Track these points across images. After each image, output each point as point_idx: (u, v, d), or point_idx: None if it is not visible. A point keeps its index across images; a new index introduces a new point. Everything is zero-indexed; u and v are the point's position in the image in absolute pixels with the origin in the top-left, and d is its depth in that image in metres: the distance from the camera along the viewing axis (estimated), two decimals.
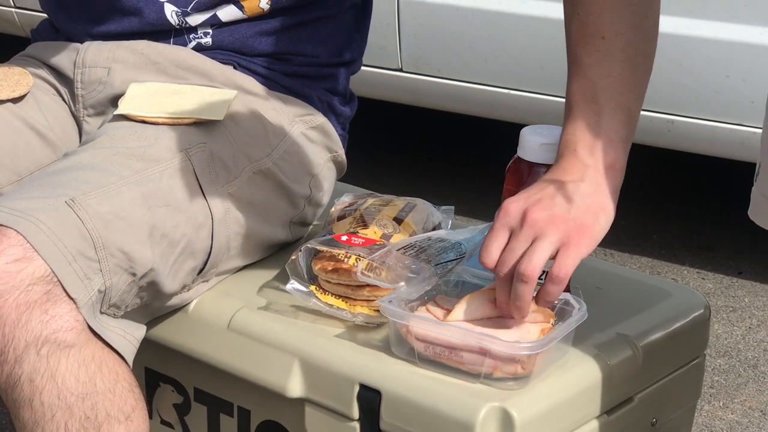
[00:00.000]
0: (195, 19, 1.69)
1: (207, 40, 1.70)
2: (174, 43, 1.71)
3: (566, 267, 1.38)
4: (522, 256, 1.38)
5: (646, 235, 3.46)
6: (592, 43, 1.44)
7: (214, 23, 1.69)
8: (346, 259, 1.51)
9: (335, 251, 1.52)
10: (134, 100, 1.62)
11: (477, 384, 1.41)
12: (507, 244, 1.40)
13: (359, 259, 1.50)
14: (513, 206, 1.39)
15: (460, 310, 1.44)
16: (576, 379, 1.47)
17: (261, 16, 1.69)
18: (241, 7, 1.68)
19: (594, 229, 1.40)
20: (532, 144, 1.51)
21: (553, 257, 1.38)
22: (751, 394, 2.67)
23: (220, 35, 1.70)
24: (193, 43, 1.70)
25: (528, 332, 1.42)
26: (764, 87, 2.92)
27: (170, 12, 1.68)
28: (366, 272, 1.47)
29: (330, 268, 1.52)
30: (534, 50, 3.16)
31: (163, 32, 1.70)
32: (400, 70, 3.38)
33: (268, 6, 1.68)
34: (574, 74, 1.45)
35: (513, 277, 1.38)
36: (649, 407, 1.57)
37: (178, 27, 1.69)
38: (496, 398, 1.39)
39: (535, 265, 1.37)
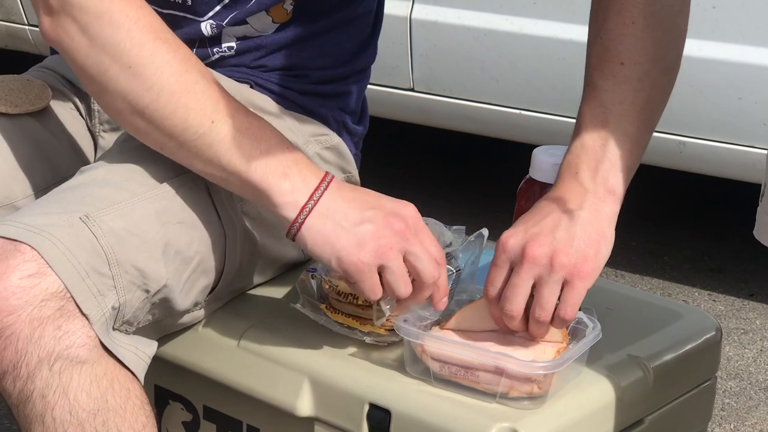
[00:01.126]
0: (230, 32, 1.68)
1: (231, 52, 1.70)
2: (197, 53, 1.70)
3: (573, 306, 1.40)
4: (533, 301, 1.40)
5: (657, 256, 3.46)
6: (609, 68, 1.44)
7: (246, 34, 1.69)
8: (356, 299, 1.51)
9: (347, 288, 1.51)
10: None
11: (490, 404, 1.40)
12: (509, 278, 1.40)
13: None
14: (512, 241, 1.39)
15: (455, 319, 1.46)
16: (587, 400, 1.46)
17: (284, 24, 1.68)
18: (269, 13, 1.68)
19: (596, 259, 1.41)
20: (544, 164, 1.52)
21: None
22: (762, 416, 2.67)
23: (244, 45, 1.69)
24: (216, 56, 1.70)
25: (543, 352, 1.43)
26: None
27: (206, 26, 1.68)
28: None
29: (340, 288, 1.52)
30: (545, 71, 3.17)
31: (189, 41, 1.69)
32: (412, 90, 3.38)
33: (291, 5, 1.68)
34: (588, 96, 1.46)
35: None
36: (659, 429, 1.57)
37: (207, 37, 1.69)
38: (506, 418, 1.39)
39: (548, 312, 1.40)
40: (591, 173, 1.42)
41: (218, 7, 1.65)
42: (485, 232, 1.59)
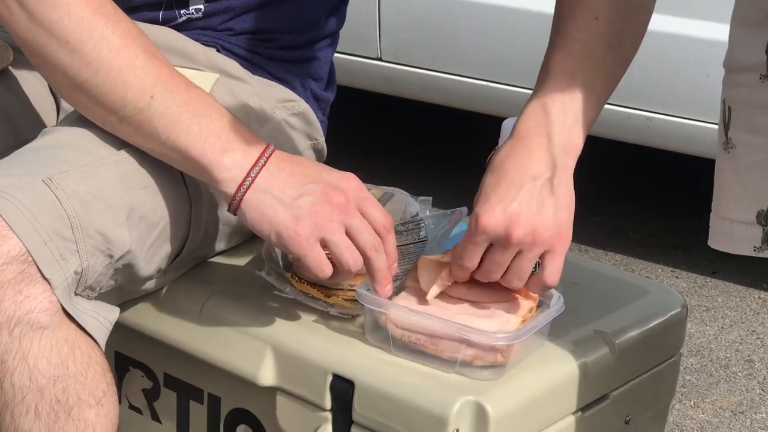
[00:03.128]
0: None
1: (198, 15, 1.68)
2: (164, 16, 1.67)
3: (557, 272, 1.41)
4: (509, 270, 1.40)
5: (621, 232, 3.46)
6: (583, 20, 1.42)
7: None
8: None
9: None
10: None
11: (453, 376, 1.39)
12: (488, 254, 1.40)
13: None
14: (492, 223, 1.37)
15: (431, 287, 1.44)
16: (552, 374, 1.46)
17: None
18: None
19: (569, 226, 1.40)
20: None
21: None
22: (722, 394, 2.67)
23: (212, 7, 1.67)
24: (183, 18, 1.67)
25: (508, 322, 1.42)
26: None
27: None
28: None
29: None
30: (515, 43, 3.15)
31: (155, 4, 1.67)
32: (379, 59, 3.36)
33: None
34: (560, 45, 1.43)
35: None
36: (623, 405, 1.56)
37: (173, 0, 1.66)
38: (471, 392, 1.38)
39: (524, 280, 1.42)
40: (559, 128, 1.41)
41: None
42: (464, 210, 1.58)
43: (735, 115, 1.36)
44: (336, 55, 1.87)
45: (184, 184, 1.53)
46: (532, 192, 1.39)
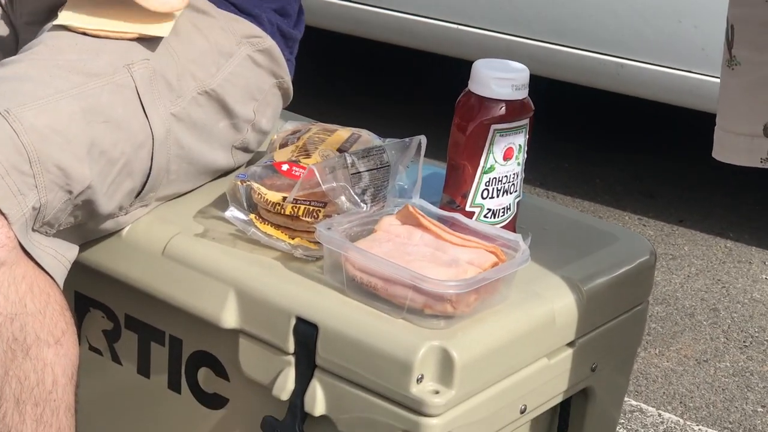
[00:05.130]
0: None
1: None
2: None
3: None
4: None
5: (589, 178, 3.45)
6: None
7: None
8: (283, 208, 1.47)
9: (274, 198, 1.47)
10: (76, 9, 1.55)
11: (413, 321, 1.37)
12: None
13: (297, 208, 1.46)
14: None
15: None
16: (518, 321, 1.44)
17: None
18: None
19: None
20: (484, 77, 1.48)
21: None
22: (687, 342, 2.67)
23: None
24: None
25: (465, 272, 1.39)
26: (715, 34, 2.89)
27: None
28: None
29: (269, 198, 1.48)
30: None
31: None
32: (349, 0, 3.32)
33: None
34: None
35: None
36: (590, 352, 1.55)
37: None
38: (436, 338, 1.36)
39: None
40: None
41: None
42: (423, 139, 1.55)
43: (738, 34, 1.37)
44: None
45: (147, 120, 1.49)
46: None
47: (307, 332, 1.40)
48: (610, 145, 3.68)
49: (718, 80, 2.76)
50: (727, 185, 3.43)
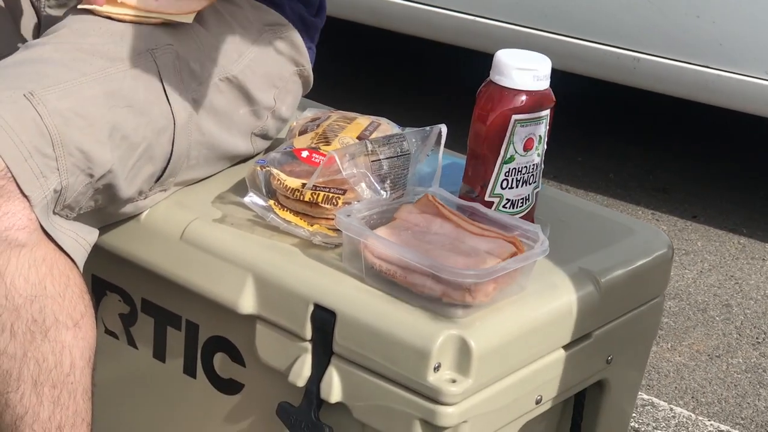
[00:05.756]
0: None
1: None
2: None
3: None
4: None
5: (602, 173, 3.44)
6: None
7: None
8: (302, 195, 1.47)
9: (294, 184, 1.47)
10: None
11: (431, 309, 1.37)
12: None
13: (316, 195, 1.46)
14: None
15: None
16: (536, 311, 1.44)
17: None
18: None
19: None
20: (505, 68, 1.48)
21: None
22: (699, 337, 2.67)
23: None
24: None
25: (484, 261, 1.39)
26: (733, 30, 2.89)
27: None
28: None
29: (288, 185, 1.48)
30: None
31: None
32: None
33: None
34: None
35: None
36: (606, 344, 1.55)
37: None
38: (453, 326, 1.36)
39: None
40: None
41: None
42: (443, 128, 1.55)
43: None
44: None
45: (168, 105, 1.50)
46: None
47: (324, 319, 1.41)
48: (624, 139, 3.67)
49: (735, 76, 2.76)
50: (741, 181, 3.42)
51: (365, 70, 4.09)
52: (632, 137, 3.69)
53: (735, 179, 3.43)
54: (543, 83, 1.49)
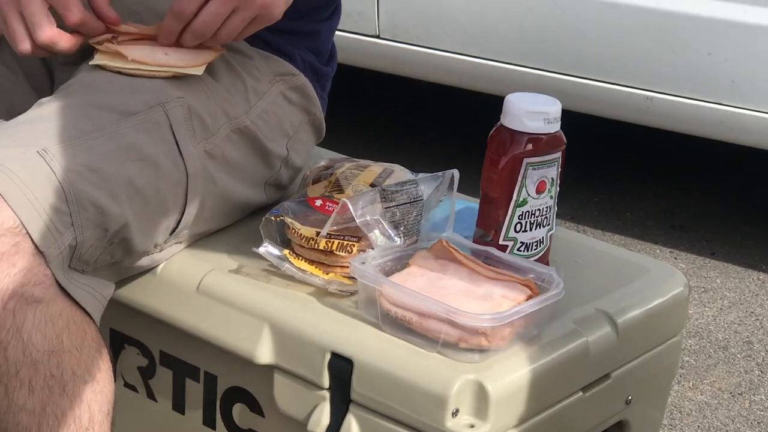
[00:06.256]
0: None
1: None
2: None
3: (232, 28, 1.50)
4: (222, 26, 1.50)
5: (619, 212, 3.44)
6: None
7: None
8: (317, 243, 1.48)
9: (308, 233, 1.48)
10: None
11: (448, 355, 1.37)
12: (207, 5, 1.48)
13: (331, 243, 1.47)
14: None
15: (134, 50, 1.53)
16: (553, 354, 1.44)
17: None
18: None
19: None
20: (516, 111, 1.48)
21: None
22: (721, 375, 2.66)
23: None
24: None
25: (500, 305, 1.39)
26: (745, 66, 2.90)
27: None
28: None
29: (302, 233, 1.48)
30: (513, 21, 3.13)
31: None
32: (378, 37, 3.34)
33: None
34: None
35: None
36: (625, 385, 1.55)
37: None
38: (471, 371, 1.36)
39: (233, 35, 1.51)
40: None
41: None
42: (456, 173, 1.56)
43: None
44: (335, 32, 1.85)
45: (181, 158, 1.51)
46: None
47: (342, 367, 1.41)
48: (640, 178, 3.68)
49: (748, 112, 2.76)
50: (758, 217, 3.42)
51: (377, 115, 4.10)
52: (648, 176, 3.69)
53: (752, 215, 3.42)
54: (554, 126, 1.49)
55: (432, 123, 4.06)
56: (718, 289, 3.05)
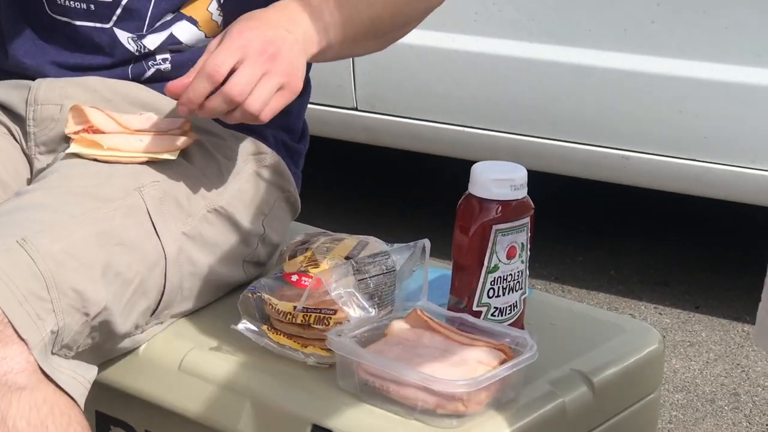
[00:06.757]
0: (152, 41, 1.67)
1: (166, 66, 1.69)
2: (133, 71, 1.69)
3: (258, 97, 1.46)
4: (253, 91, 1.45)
5: (603, 270, 3.47)
6: None
7: (173, 44, 1.67)
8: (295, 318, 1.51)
9: (285, 308, 1.51)
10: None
11: (426, 422, 1.39)
12: (240, 69, 1.45)
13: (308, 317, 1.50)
14: (251, 34, 1.46)
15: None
16: (530, 417, 1.46)
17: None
18: (194, 22, 1.67)
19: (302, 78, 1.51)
20: (483, 180, 1.51)
21: None
22: (709, 428, 2.68)
23: (180, 59, 1.68)
24: (152, 70, 1.69)
25: (474, 370, 1.42)
26: (716, 122, 2.94)
27: (125, 39, 1.67)
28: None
29: (280, 308, 1.51)
30: (486, 87, 3.17)
31: (123, 61, 1.68)
32: (355, 109, 3.38)
33: (220, 16, 1.67)
34: None
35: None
36: None
37: (137, 54, 1.67)
38: None
39: (266, 102, 1.46)
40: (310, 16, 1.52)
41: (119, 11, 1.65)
42: (427, 243, 1.59)
43: None
44: (312, 106, 1.88)
45: (159, 240, 1.54)
46: (285, 36, 1.48)
47: None
48: (623, 236, 3.71)
49: (722, 167, 2.78)
50: (740, 268, 3.44)
51: (351, 185, 4.14)
52: (630, 233, 3.72)
53: (734, 267, 3.45)
54: (521, 192, 1.53)
55: (403, 191, 4.09)
56: (704, 342, 3.08)
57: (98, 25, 1.67)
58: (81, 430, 1.42)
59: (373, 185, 4.16)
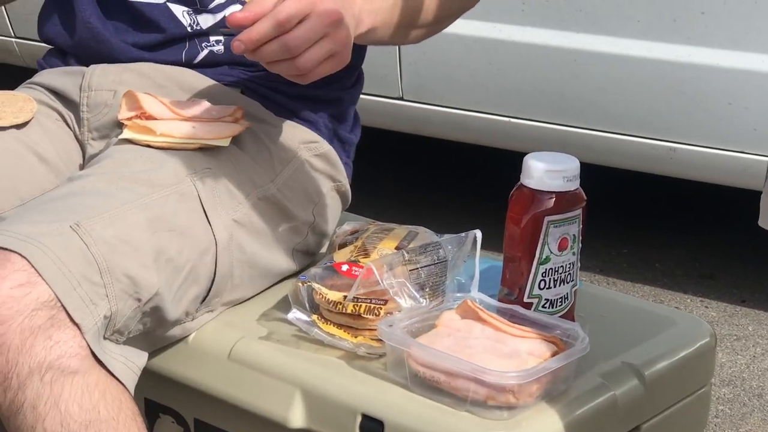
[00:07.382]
0: (206, 20, 1.68)
1: (219, 48, 1.69)
2: (186, 54, 1.69)
3: (311, 58, 1.42)
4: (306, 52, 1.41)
5: (648, 263, 3.45)
6: None
7: (226, 27, 1.67)
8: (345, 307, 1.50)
9: (335, 297, 1.51)
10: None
11: (477, 413, 1.39)
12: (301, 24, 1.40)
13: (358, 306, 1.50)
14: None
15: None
16: (581, 409, 1.45)
17: None
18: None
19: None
20: (536, 171, 1.50)
21: None
22: (756, 423, 2.66)
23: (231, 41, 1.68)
24: (205, 52, 1.69)
25: (525, 362, 1.41)
26: (766, 114, 2.91)
27: (180, 12, 1.67)
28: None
29: (330, 298, 1.51)
30: (534, 78, 3.16)
31: (177, 38, 1.69)
32: (401, 99, 3.38)
33: None
34: None
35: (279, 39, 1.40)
36: None
37: (190, 31, 1.68)
38: (500, 428, 1.38)
39: (317, 61, 1.42)
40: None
41: None
42: (478, 233, 1.58)
43: None
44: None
45: (210, 227, 1.54)
46: (347, 8, 1.46)
47: (373, 429, 1.43)
48: (668, 228, 3.69)
49: None
50: None
51: (401, 177, 4.13)
52: (675, 225, 3.70)
53: None
54: (573, 183, 1.52)
55: (455, 182, 4.09)
56: (751, 336, 3.05)
57: (151, 1, 1.68)
58: (132, 415, 1.42)
59: (422, 176, 4.16)
